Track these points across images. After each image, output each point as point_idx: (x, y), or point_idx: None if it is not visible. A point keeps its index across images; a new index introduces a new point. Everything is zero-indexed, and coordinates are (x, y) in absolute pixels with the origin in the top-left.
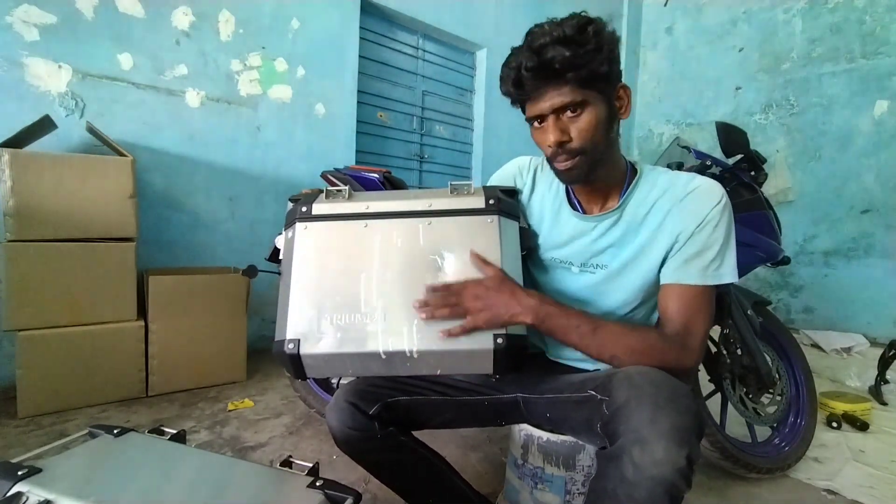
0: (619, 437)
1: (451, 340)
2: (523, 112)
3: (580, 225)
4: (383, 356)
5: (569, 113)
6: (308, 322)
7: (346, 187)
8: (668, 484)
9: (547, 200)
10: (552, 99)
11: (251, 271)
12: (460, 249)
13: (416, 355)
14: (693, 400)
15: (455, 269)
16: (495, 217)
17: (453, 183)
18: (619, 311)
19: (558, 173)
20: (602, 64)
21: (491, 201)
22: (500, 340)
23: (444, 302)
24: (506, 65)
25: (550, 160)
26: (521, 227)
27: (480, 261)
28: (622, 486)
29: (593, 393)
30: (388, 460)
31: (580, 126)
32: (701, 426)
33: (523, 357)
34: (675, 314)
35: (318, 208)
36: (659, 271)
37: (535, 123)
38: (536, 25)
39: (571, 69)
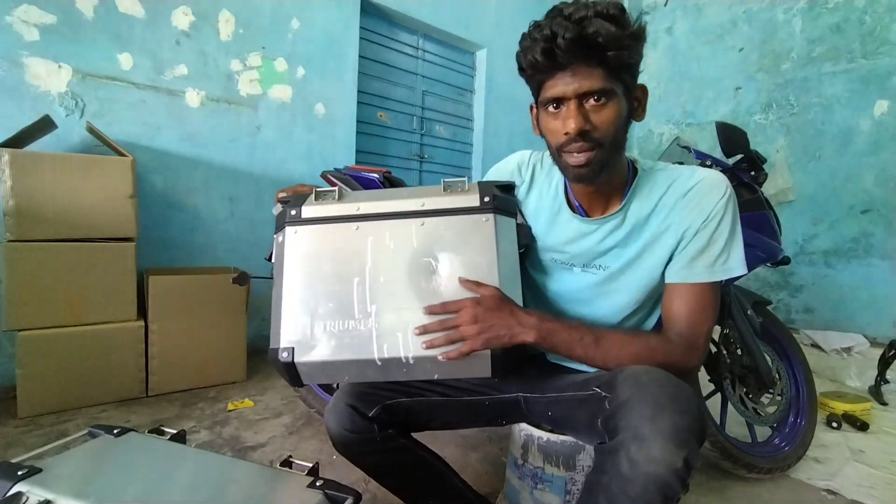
0: (619, 432)
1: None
2: (534, 93)
3: (582, 227)
4: (379, 363)
5: (593, 101)
6: (301, 329)
7: (337, 188)
8: (662, 483)
9: (545, 200)
10: (581, 81)
11: (242, 279)
12: (455, 250)
13: (412, 361)
14: (697, 403)
15: (450, 271)
16: (491, 215)
17: (446, 180)
18: (622, 312)
19: (567, 168)
20: (636, 54)
21: (486, 199)
22: None
23: (442, 327)
24: (530, 35)
25: (560, 152)
26: (518, 224)
27: (473, 284)
28: (617, 481)
29: (597, 390)
30: (386, 462)
31: (603, 117)
32: (703, 430)
33: (522, 358)
34: (680, 314)
35: (308, 211)
36: (663, 271)
37: (551, 108)
38: (562, 2)
39: (614, 48)
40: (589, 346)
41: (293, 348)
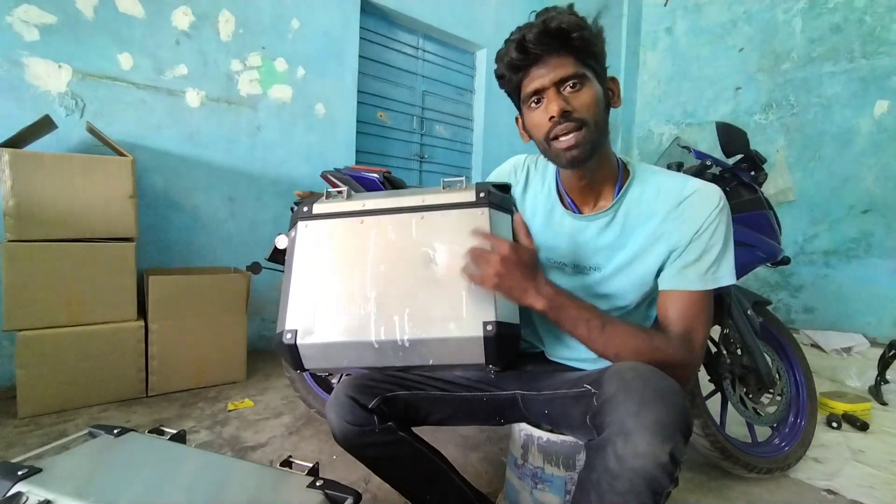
0: (606, 428)
1: (441, 329)
2: (516, 99)
3: (574, 224)
4: (376, 345)
5: (569, 87)
6: (305, 314)
7: (346, 188)
8: (649, 477)
9: (540, 199)
10: (554, 70)
11: (255, 268)
12: (452, 242)
13: (407, 344)
14: (682, 398)
15: (446, 260)
16: (486, 209)
17: (445, 180)
18: (613, 314)
19: (559, 155)
20: (599, 45)
21: (481, 194)
22: (489, 328)
23: (479, 253)
24: (505, 43)
25: (549, 141)
26: (514, 220)
27: (525, 233)
28: (605, 477)
29: (588, 387)
30: (386, 456)
31: (582, 99)
32: (688, 424)
33: (516, 349)
34: (676, 320)
35: (318, 208)
36: (655, 277)
37: (533, 103)
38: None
39: (577, 31)
40: (594, 329)
41: (296, 331)
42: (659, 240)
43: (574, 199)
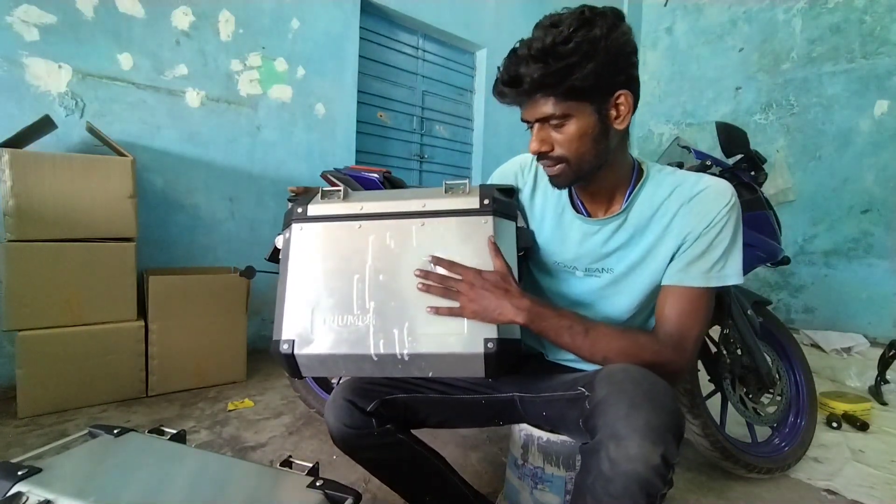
0: (598, 431)
1: (441, 344)
2: None
3: (584, 228)
4: (375, 358)
5: (552, 122)
6: (302, 323)
7: (342, 187)
8: (642, 480)
9: (550, 201)
10: (533, 110)
11: (249, 272)
12: (454, 251)
13: (406, 358)
14: (673, 399)
15: (447, 270)
16: (490, 218)
17: (448, 182)
18: (624, 315)
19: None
20: (586, 78)
21: (486, 201)
22: (490, 345)
23: (443, 282)
24: (499, 67)
25: (538, 161)
26: (518, 227)
27: (495, 252)
28: (599, 481)
29: (581, 389)
30: (385, 458)
31: (562, 137)
32: (679, 426)
33: (516, 359)
34: (671, 316)
35: (314, 209)
36: (664, 273)
37: (527, 127)
38: (539, 22)
39: (540, 90)
40: (577, 335)
41: (294, 340)
42: (669, 235)
43: (585, 202)
